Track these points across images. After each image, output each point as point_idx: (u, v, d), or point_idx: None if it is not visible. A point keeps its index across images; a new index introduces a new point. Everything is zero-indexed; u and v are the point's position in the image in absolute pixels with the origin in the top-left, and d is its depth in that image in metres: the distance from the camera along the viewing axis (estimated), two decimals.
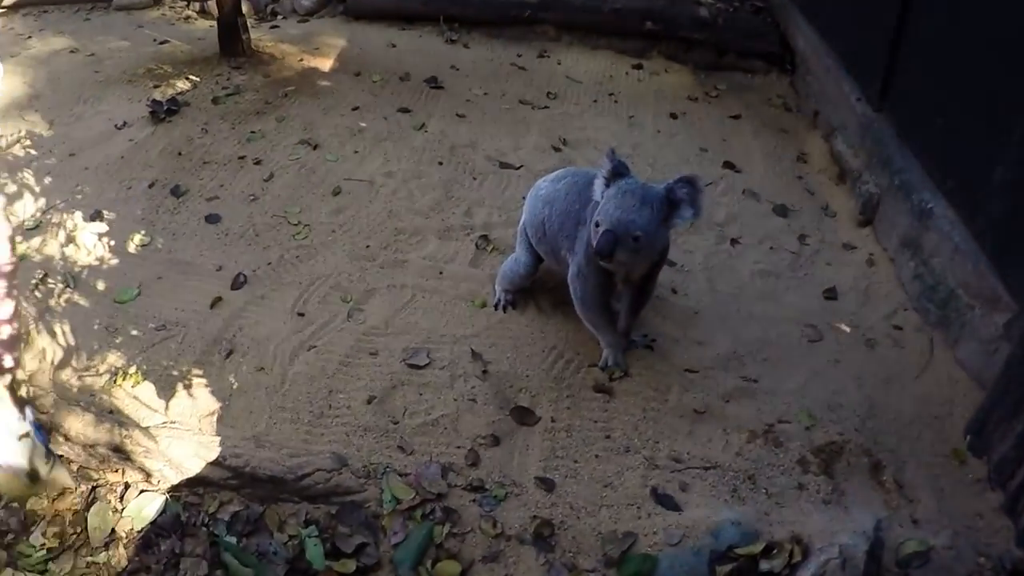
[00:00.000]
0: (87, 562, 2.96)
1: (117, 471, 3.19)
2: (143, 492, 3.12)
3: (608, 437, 3.22)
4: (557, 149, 5.18)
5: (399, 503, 2.96)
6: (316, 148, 4.99)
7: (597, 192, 3.14)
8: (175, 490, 3.10)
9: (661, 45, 6.67)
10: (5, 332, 2.93)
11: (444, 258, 4.13)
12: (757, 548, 2.78)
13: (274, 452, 3.10)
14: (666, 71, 6.48)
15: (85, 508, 3.09)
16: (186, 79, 5.74)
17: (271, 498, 3.07)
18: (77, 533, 3.03)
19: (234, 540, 2.96)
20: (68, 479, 3.15)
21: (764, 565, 2.76)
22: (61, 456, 3.18)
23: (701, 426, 3.28)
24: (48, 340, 3.55)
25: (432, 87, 5.86)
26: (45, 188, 4.57)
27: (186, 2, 7.54)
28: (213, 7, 6.47)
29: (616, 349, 3.50)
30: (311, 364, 3.48)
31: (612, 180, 3.08)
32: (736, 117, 5.82)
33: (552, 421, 3.27)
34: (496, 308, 3.80)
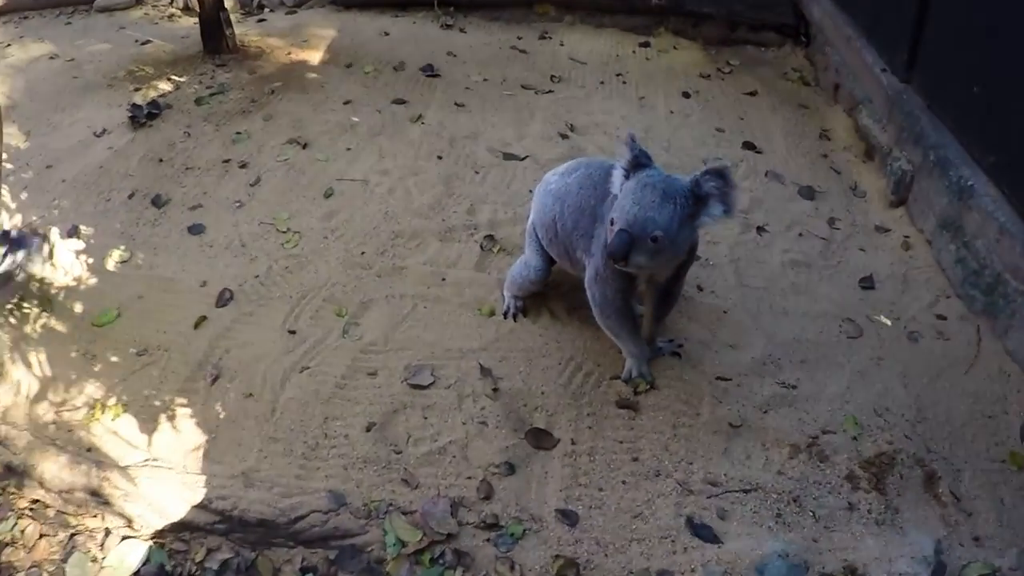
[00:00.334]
0: None
1: (96, 516, 2.97)
2: (125, 539, 2.92)
3: (635, 459, 2.97)
4: (564, 136, 4.93)
5: (404, 546, 2.73)
6: (306, 147, 4.76)
7: (615, 185, 2.86)
8: (159, 536, 2.89)
9: (668, 21, 6.46)
10: None
11: (446, 262, 3.87)
12: None
13: (264, 492, 2.88)
14: (675, 48, 6.26)
15: (64, 558, 2.89)
16: (168, 80, 5.53)
17: (263, 543, 2.85)
18: None
19: None
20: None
21: None
22: (37, 501, 3.00)
23: (738, 442, 3.04)
24: (24, 371, 3.35)
25: (428, 76, 5.64)
26: (21, 204, 4.35)
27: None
28: (195, 2, 6.25)
29: (640, 359, 3.24)
30: (304, 388, 3.24)
31: (632, 171, 2.79)
32: (752, 94, 5.58)
33: (572, 443, 3.03)
34: (505, 316, 3.55)
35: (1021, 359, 3.35)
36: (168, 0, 7.30)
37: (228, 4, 6.01)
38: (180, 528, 2.87)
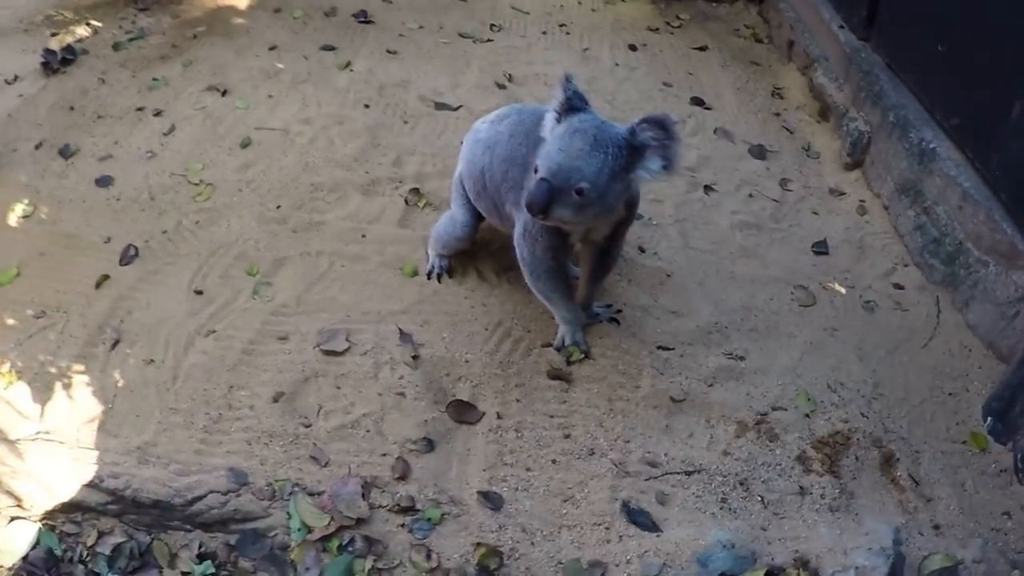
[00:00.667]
0: None
1: None
2: (14, 519, 2.69)
3: (567, 436, 2.77)
4: (501, 86, 4.71)
5: (310, 531, 2.51)
6: (225, 94, 4.48)
7: (546, 129, 2.59)
8: (50, 517, 2.67)
9: None
10: None
11: (368, 217, 3.63)
12: None
13: (160, 469, 2.65)
14: (623, 0, 6.04)
15: None
16: (87, 25, 5.21)
17: (158, 526, 2.64)
18: None
19: None
20: None
21: None
22: None
23: (680, 418, 2.86)
24: None
25: (361, 22, 5.37)
26: None
27: None
28: None
29: (574, 325, 3.01)
30: (209, 353, 3.01)
31: (564, 115, 2.53)
32: (702, 49, 5.39)
33: (498, 418, 2.83)
34: (429, 277, 3.32)
35: (983, 334, 3.24)
36: None
37: None
38: (71, 509, 2.66)
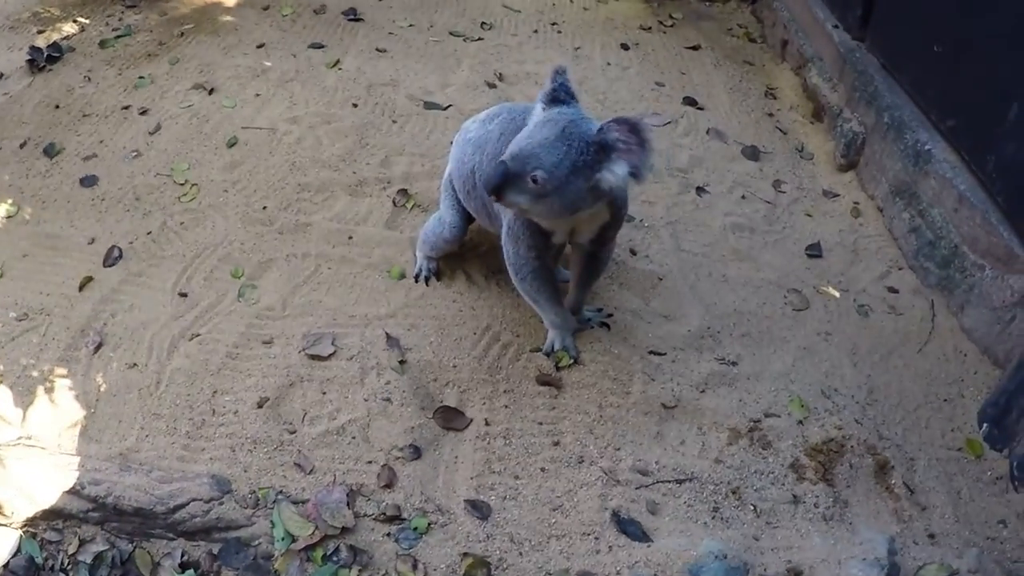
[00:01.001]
0: None
1: None
2: None
3: (557, 444, 2.73)
4: (492, 86, 4.65)
5: (294, 540, 2.48)
6: (212, 93, 4.45)
7: (532, 119, 2.55)
8: (31, 524, 2.65)
9: None
10: None
11: (355, 219, 3.59)
12: None
13: (142, 477, 2.62)
14: None
15: None
16: (74, 21, 5.20)
17: (140, 534, 2.62)
18: None
19: None
20: None
21: None
22: None
23: (671, 425, 2.81)
24: None
25: (350, 20, 5.34)
26: None
27: None
28: None
29: (563, 329, 2.97)
30: (193, 357, 2.97)
31: (548, 106, 2.50)
32: (695, 48, 5.35)
33: (486, 424, 2.79)
34: (416, 280, 3.28)
35: (978, 338, 3.19)
36: None
37: None
38: (52, 516, 2.63)
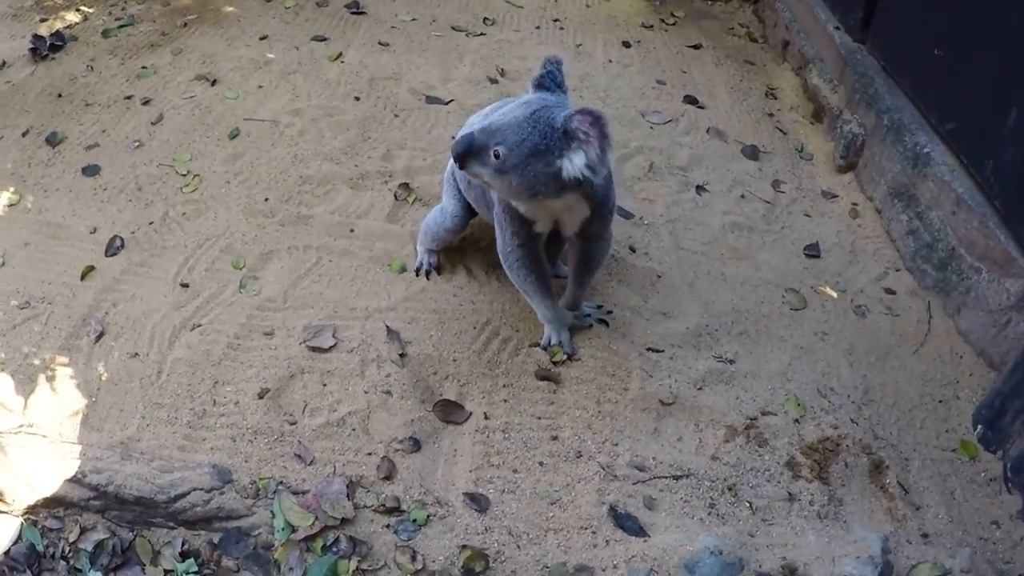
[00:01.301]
0: None
1: None
2: None
3: (555, 438, 2.73)
4: (494, 81, 4.64)
5: (294, 531, 2.48)
6: (214, 84, 4.43)
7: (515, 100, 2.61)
8: (32, 512, 2.65)
9: None
10: None
11: (356, 212, 3.58)
12: None
13: (143, 466, 2.62)
14: None
15: None
16: (77, 10, 5.18)
17: (141, 523, 2.61)
18: None
19: None
20: None
21: None
22: None
23: (669, 422, 2.81)
24: None
25: (353, 13, 5.31)
26: None
27: None
28: None
29: (557, 324, 2.98)
30: (194, 348, 2.97)
31: (535, 91, 2.57)
32: (696, 47, 5.33)
33: (485, 418, 2.79)
34: (417, 273, 3.27)
35: (974, 340, 3.20)
36: None
37: None
38: (53, 504, 2.63)
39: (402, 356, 2.94)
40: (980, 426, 2.89)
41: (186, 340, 3.00)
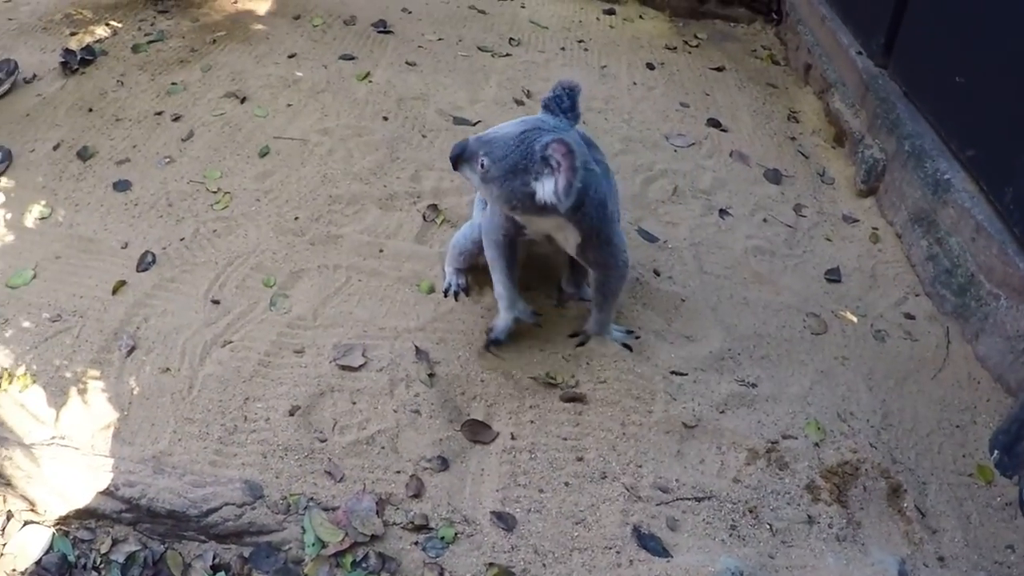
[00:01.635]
0: None
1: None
2: (28, 524, 2.70)
3: (580, 459, 2.74)
4: (519, 102, 4.66)
5: (324, 546, 2.49)
6: (244, 101, 4.45)
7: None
8: (64, 523, 2.67)
9: None
10: None
11: (385, 232, 3.60)
12: None
13: (175, 480, 2.63)
14: (641, 17, 6.03)
15: None
16: (106, 25, 5.18)
17: (173, 536, 2.62)
18: None
19: None
20: None
21: None
22: None
23: (692, 444, 2.83)
24: None
25: (380, 32, 5.34)
26: None
27: None
28: None
29: (505, 307, 3.07)
30: (225, 364, 2.98)
31: (543, 112, 2.69)
32: (719, 69, 5.37)
33: (512, 439, 2.80)
34: (446, 295, 3.29)
35: (992, 366, 3.21)
36: None
37: None
38: (85, 515, 2.64)
39: (431, 376, 2.95)
40: (996, 451, 2.91)
41: (217, 356, 3.00)
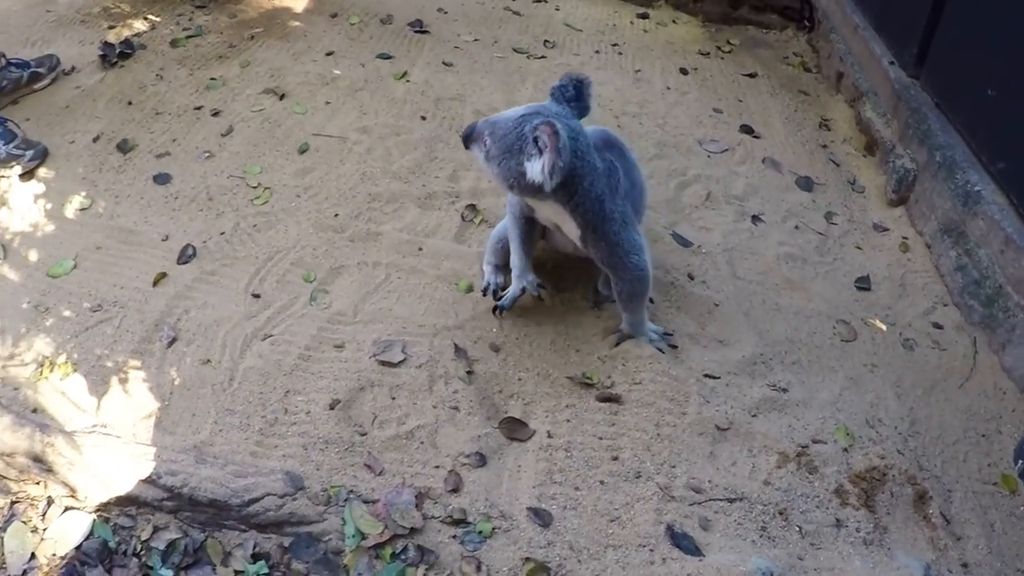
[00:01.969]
0: None
1: (39, 483, 2.79)
2: (68, 510, 2.73)
3: (615, 459, 2.77)
4: None
5: (364, 538, 2.53)
6: (283, 98, 4.50)
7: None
8: (104, 509, 2.69)
9: None
10: None
11: (424, 231, 3.65)
12: None
13: (217, 470, 2.66)
14: (674, 22, 6.05)
15: (2, 526, 2.71)
16: (144, 19, 5.24)
17: (213, 524, 2.65)
18: None
19: (170, 574, 2.56)
20: None
21: None
22: None
23: (724, 446, 2.86)
24: None
25: (416, 32, 5.38)
26: None
27: None
28: None
29: (517, 280, 3.17)
30: (265, 357, 3.02)
31: (550, 99, 2.80)
32: (751, 76, 5.38)
33: (549, 436, 2.83)
34: (484, 294, 3.30)
35: (1017, 377, 3.23)
36: None
37: None
38: (126, 502, 2.67)
39: (469, 373, 2.99)
40: (1021, 461, 2.93)
41: (258, 349, 3.04)
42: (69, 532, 2.66)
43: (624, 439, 2.83)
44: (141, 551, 2.61)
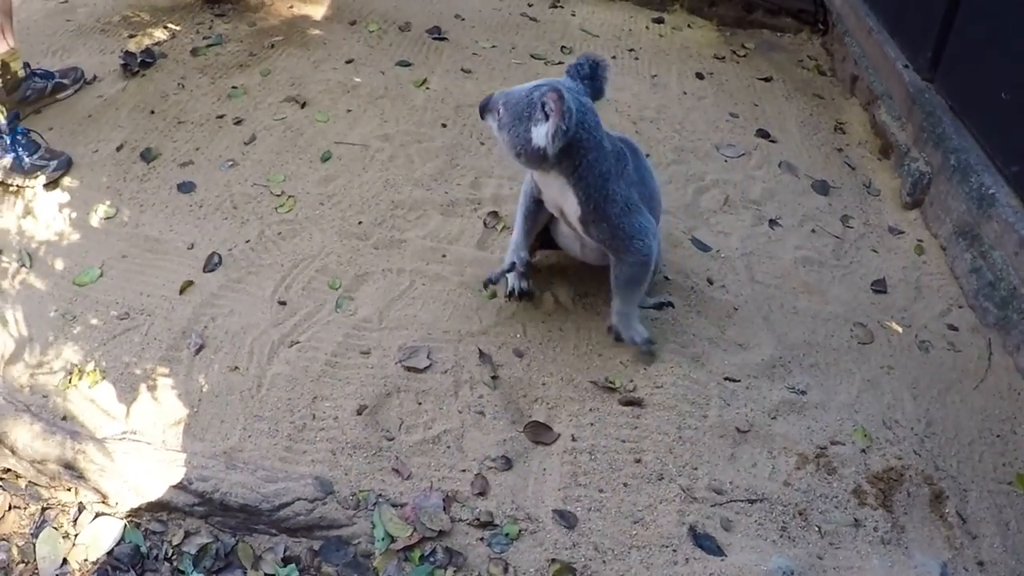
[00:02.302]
0: None
1: (70, 490, 2.84)
2: (99, 516, 2.78)
3: (638, 461, 2.82)
4: None
5: (393, 541, 2.58)
6: (304, 106, 4.55)
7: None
8: (135, 515, 2.74)
9: None
10: None
11: (447, 238, 3.69)
12: None
13: (247, 475, 2.72)
14: (689, 26, 6.09)
15: (34, 532, 2.77)
16: (164, 28, 5.29)
17: (244, 529, 2.70)
18: (25, 563, 2.71)
19: None
20: None
21: None
22: (8, 470, 2.88)
23: (744, 448, 2.91)
24: None
25: (435, 39, 5.43)
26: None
27: None
28: None
29: (510, 255, 3.26)
30: (292, 364, 3.08)
31: (566, 76, 2.90)
32: (767, 80, 5.41)
33: (573, 440, 2.87)
34: (508, 298, 3.35)
35: None
36: None
37: None
38: (157, 508, 2.71)
39: (494, 379, 3.04)
40: None
41: (284, 356, 3.09)
42: (101, 537, 2.70)
43: (647, 442, 2.87)
44: (172, 556, 2.65)
